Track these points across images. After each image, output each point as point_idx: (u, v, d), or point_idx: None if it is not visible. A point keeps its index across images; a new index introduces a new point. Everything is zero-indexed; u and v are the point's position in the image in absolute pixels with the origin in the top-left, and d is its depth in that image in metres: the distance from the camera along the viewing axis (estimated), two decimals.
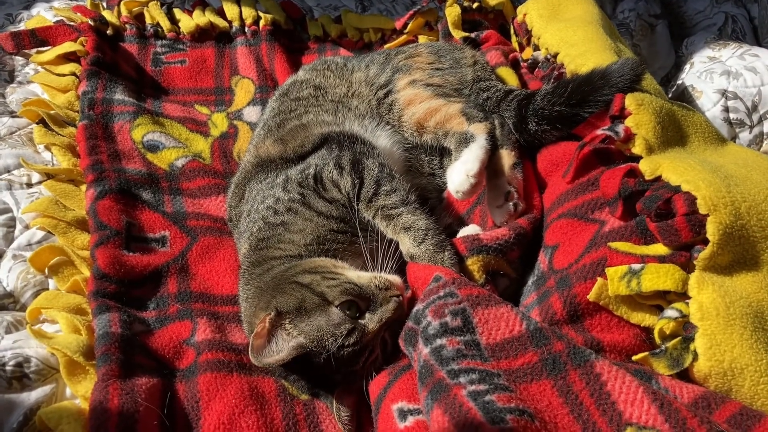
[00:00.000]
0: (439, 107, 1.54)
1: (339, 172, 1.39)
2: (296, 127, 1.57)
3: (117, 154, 1.65)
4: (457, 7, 2.04)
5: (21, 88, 1.84)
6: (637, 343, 1.08)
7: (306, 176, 1.41)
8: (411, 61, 1.68)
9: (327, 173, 1.40)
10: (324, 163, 1.41)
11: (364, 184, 1.37)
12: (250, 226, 1.40)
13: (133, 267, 1.39)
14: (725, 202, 1.08)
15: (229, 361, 1.24)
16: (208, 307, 1.37)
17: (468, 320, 1.08)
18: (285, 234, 1.35)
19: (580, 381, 0.96)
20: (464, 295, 1.11)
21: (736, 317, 1.00)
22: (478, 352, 1.03)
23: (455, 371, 1.00)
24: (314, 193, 1.37)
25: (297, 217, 1.35)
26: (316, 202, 1.36)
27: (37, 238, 1.45)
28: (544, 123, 1.46)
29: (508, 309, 1.09)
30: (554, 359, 1.00)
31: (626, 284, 1.08)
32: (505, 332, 1.05)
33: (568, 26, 1.71)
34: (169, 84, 1.98)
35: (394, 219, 1.31)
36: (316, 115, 1.60)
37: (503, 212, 1.39)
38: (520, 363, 1.01)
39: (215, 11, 2.15)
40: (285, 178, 1.42)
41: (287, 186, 1.40)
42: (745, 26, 2.24)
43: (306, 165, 1.45)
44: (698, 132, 1.37)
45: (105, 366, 1.14)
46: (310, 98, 1.65)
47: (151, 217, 1.53)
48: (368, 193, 1.35)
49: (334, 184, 1.38)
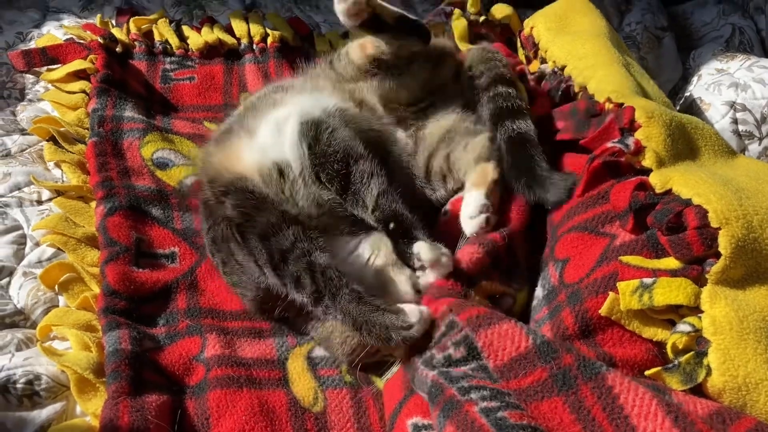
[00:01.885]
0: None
1: (240, 252, 1.32)
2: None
3: (127, 170, 1.65)
4: (464, 21, 2.05)
5: (31, 106, 1.85)
6: (650, 357, 1.07)
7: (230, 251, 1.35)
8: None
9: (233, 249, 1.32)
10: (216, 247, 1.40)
11: (266, 273, 1.26)
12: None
13: (142, 283, 1.39)
14: (737, 215, 1.07)
15: (238, 376, 1.24)
16: (217, 323, 1.37)
17: (472, 346, 1.06)
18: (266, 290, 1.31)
19: (591, 395, 0.95)
20: (464, 320, 1.09)
21: (750, 331, 0.99)
22: (486, 374, 1.03)
23: (465, 388, 0.99)
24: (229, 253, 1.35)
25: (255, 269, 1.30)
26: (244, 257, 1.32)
27: (48, 255, 1.45)
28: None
29: (512, 325, 1.07)
30: (564, 374, 0.98)
31: (638, 298, 1.07)
32: (511, 351, 1.04)
33: (575, 39, 1.71)
34: (178, 101, 1.98)
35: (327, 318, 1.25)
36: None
37: (476, 224, 1.37)
38: (530, 381, 1.00)
39: (224, 28, 2.16)
40: (223, 238, 1.37)
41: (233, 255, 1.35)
42: (753, 38, 2.24)
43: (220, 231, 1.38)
44: (708, 144, 1.36)
45: (115, 383, 1.14)
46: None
47: (160, 233, 1.53)
48: (277, 284, 1.26)
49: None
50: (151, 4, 2.32)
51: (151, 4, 2.32)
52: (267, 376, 1.27)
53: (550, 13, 1.90)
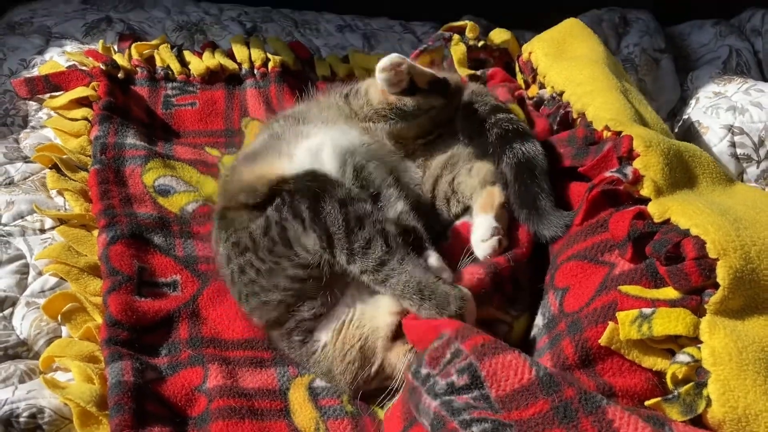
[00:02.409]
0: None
1: (302, 228, 1.29)
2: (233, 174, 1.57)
3: (129, 198, 1.66)
4: (463, 46, 2.06)
5: (34, 133, 1.87)
6: (650, 387, 1.08)
7: (272, 240, 1.31)
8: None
9: (290, 231, 1.30)
10: (282, 218, 1.32)
11: (334, 242, 1.26)
12: (243, 294, 1.38)
13: (145, 313, 1.39)
14: (735, 246, 1.08)
15: (240, 407, 1.25)
16: (219, 353, 1.37)
17: (475, 375, 1.06)
18: (290, 308, 1.32)
19: (592, 428, 0.95)
20: (469, 348, 1.09)
21: (749, 362, 1.00)
22: (488, 404, 1.02)
23: (467, 421, 0.99)
24: (287, 260, 1.30)
25: (290, 284, 1.31)
26: (294, 270, 1.30)
27: (50, 285, 1.45)
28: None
29: (516, 355, 1.07)
30: (565, 407, 0.98)
31: (637, 328, 1.07)
32: (514, 382, 1.04)
33: (573, 65, 1.72)
34: (179, 126, 2.00)
35: (384, 284, 1.25)
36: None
37: (488, 246, 1.39)
38: (531, 413, 1.00)
39: (225, 53, 2.18)
40: (251, 239, 1.34)
41: (259, 252, 1.33)
42: (750, 60, 2.26)
43: (267, 222, 1.34)
44: (706, 172, 1.37)
45: (118, 416, 1.14)
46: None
47: (162, 261, 1.54)
48: (342, 251, 1.26)
49: (299, 245, 1.29)
50: (152, 30, 2.34)
51: (152, 29, 2.34)
52: (268, 406, 1.28)
53: (548, 38, 1.92)
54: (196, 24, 2.40)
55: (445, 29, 2.16)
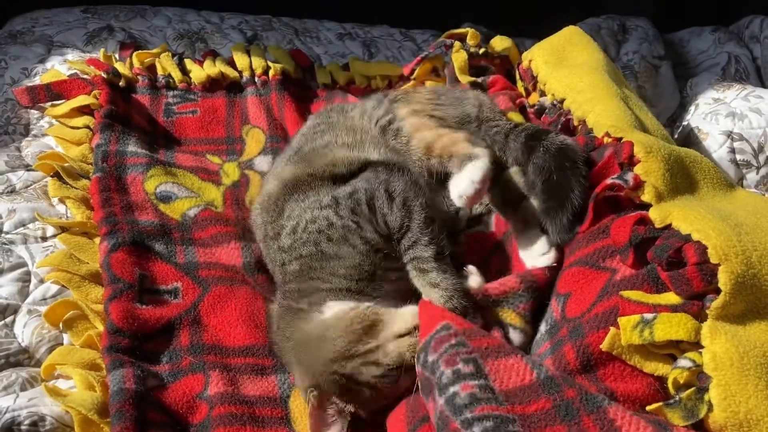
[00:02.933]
0: (446, 133, 1.55)
1: (389, 204, 1.36)
2: (317, 147, 1.59)
3: (130, 205, 1.67)
4: (464, 53, 2.07)
5: (36, 141, 1.87)
6: (651, 392, 1.07)
7: (357, 201, 1.37)
8: (409, 96, 1.71)
9: (378, 201, 1.36)
10: (374, 188, 1.38)
11: (411, 228, 1.33)
12: (298, 246, 1.38)
13: (146, 320, 1.39)
14: (736, 251, 1.08)
15: (241, 414, 1.25)
16: (220, 359, 1.37)
17: (480, 368, 1.08)
18: (338, 268, 1.34)
19: (594, 426, 0.95)
20: (475, 346, 1.11)
21: (751, 367, 0.99)
22: (493, 395, 1.03)
23: (469, 420, 0.99)
24: (369, 223, 1.35)
25: (353, 250, 1.34)
26: (370, 234, 1.35)
27: (52, 293, 1.46)
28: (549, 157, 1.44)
29: (518, 359, 1.09)
30: (567, 406, 0.99)
31: (639, 334, 1.07)
32: (516, 381, 1.05)
33: (573, 73, 1.73)
34: (181, 134, 2.00)
35: (425, 274, 1.31)
36: (335, 137, 1.60)
37: (546, 260, 1.41)
38: (534, 409, 1.01)
39: (226, 61, 2.18)
40: (334, 201, 1.39)
41: (339, 211, 1.37)
42: (749, 66, 2.27)
43: (353, 189, 1.40)
44: (707, 178, 1.37)
45: (119, 424, 1.14)
46: (323, 125, 1.67)
47: (163, 268, 1.54)
48: (411, 239, 1.33)
49: (382, 215, 1.35)
50: (153, 38, 2.35)
51: (153, 37, 2.35)
52: (269, 414, 1.28)
53: (547, 46, 1.92)
54: (197, 32, 2.41)
55: (446, 36, 2.17)
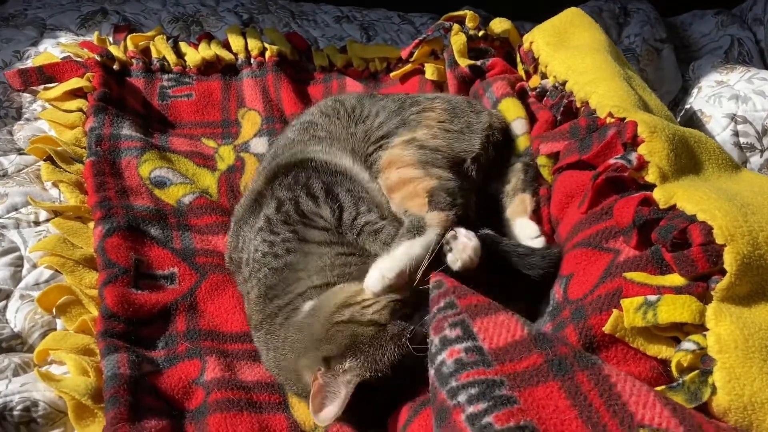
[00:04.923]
0: (412, 179, 1.43)
1: (315, 202, 1.38)
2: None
3: (125, 190, 1.64)
4: (463, 36, 2.03)
5: (28, 125, 1.84)
6: (655, 375, 1.05)
7: (287, 213, 1.37)
8: (422, 116, 1.62)
9: (304, 206, 1.38)
10: (297, 195, 1.39)
11: (344, 209, 1.36)
12: (255, 273, 1.37)
13: (141, 305, 1.37)
14: (742, 231, 1.05)
15: (238, 399, 1.23)
16: (217, 345, 1.35)
17: (468, 329, 1.04)
18: (292, 274, 1.32)
19: (588, 382, 0.92)
20: (464, 305, 1.08)
21: (756, 350, 0.97)
22: (481, 357, 1.00)
23: (454, 389, 0.96)
24: (304, 226, 1.36)
25: (298, 254, 1.33)
26: (310, 234, 1.35)
27: (45, 278, 1.43)
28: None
29: (509, 315, 1.05)
30: (560, 361, 0.96)
31: (642, 316, 1.05)
32: (507, 337, 1.01)
33: (575, 54, 1.70)
34: (176, 118, 1.98)
35: (377, 234, 1.33)
36: (305, 146, 1.57)
37: (539, 243, 1.46)
38: (525, 365, 0.97)
39: (221, 44, 2.16)
40: (266, 220, 1.39)
41: (273, 228, 1.37)
42: (752, 49, 2.25)
43: (278, 201, 1.40)
44: (712, 158, 1.35)
45: (114, 409, 1.12)
46: (323, 132, 1.63)
47: (159, 253, 1.52)
48: (350, 215, 1.36)
49: (315, 215, 1.37)
50: (148, 21, 2.32)
51: (148, 20, 2.33)
52: (267, 399, 1.26)
53: (548, 27, 1.89)
54: (192, 15, 2.38)
55: (445, 19, 2.13)
